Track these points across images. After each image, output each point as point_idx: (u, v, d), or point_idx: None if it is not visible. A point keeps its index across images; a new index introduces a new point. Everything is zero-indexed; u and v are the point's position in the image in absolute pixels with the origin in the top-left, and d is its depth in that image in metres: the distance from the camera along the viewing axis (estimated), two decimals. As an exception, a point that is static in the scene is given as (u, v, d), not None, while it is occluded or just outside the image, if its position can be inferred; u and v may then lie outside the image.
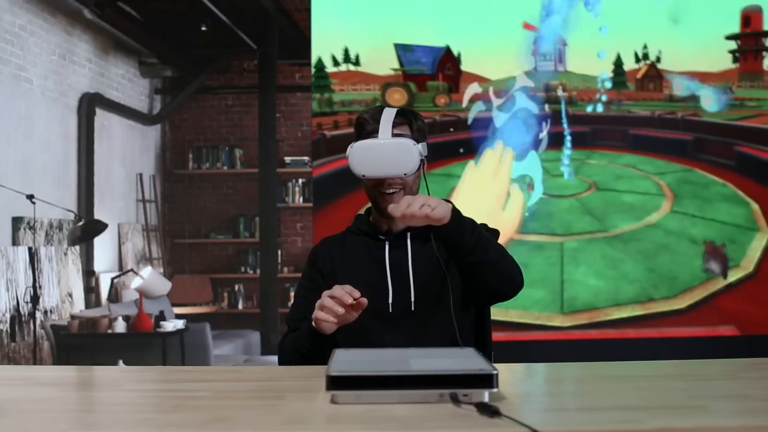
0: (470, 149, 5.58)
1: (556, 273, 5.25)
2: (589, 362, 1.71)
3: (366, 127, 1.91)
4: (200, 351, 5.40)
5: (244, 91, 8.02)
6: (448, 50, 5.77)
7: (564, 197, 5.46)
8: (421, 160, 1.88)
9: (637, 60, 5.70)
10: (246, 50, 7.44)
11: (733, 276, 5.17)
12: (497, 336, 2.07)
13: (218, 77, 8.01)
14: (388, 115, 1.88)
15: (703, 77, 5.55)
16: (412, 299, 1.90)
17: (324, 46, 5.76)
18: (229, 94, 8.09)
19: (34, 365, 4.73)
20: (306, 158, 7.69)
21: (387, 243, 1.95)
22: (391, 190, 1.90)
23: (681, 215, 5.32)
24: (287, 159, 7.79)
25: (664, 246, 5.27)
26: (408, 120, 1.92)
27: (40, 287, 5.36)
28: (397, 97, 5.77)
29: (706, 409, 1.23)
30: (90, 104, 6.46)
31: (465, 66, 5.79)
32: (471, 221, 1.80)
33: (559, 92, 5.70)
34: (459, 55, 5.78)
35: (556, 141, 5.62)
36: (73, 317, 5.26)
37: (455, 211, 1.76)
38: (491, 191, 5.48)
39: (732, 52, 5.49)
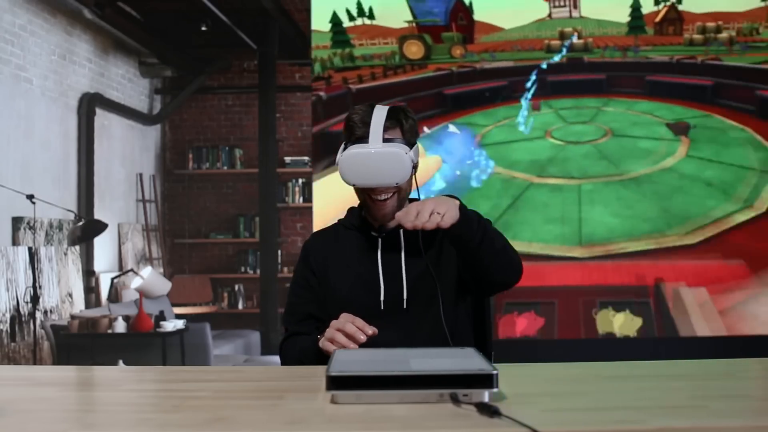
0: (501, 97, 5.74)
1: (574, 211, 5.48)
2: (589, 362, 1.71)
3: (356, 131, 1.86)
4: (200, 351, 5.40)
5: (244, 91, 8.02)
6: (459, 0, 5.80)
7: (581, 143, 5.60)
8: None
9: (656, 2, 5.53)
10: (246, 50, 7.44)
11: (745, 216, 5.31)
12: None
13: (218, 77, 8.01)
14: (378, 119, 1.83)
15: (728, 18, 5.43)
16: (405, 297, 1.89)
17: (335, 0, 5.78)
18: (229, 94, 8.09)
19: (34, 365, 4.73)
20: (306, 158, 7.68)
21: (379, 239, 1.94)
22: (383, 197, 1.88)
23: (696, 159, 5.41)
24: (287, 159, 7.79)
25: (679, 188, 5.43)
26: (398, 121, 1.88)
27: (40, 287, 5.36)
28: (414, 49, 5.82)
29: (706, 409, 1.23)
30: (90, 104, 6.46)
31: (478, 15, 5.82)
32: (475, 213, 1.78)
33: (574, 39, 5.69)
34: (470, 4, 5.80)
35: (569, 89, 5.69)
36: (73, 317, 5.26)
37: (461, 207, 1.74)
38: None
39: None
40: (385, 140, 1.82)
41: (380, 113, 1.85)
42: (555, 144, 5.64)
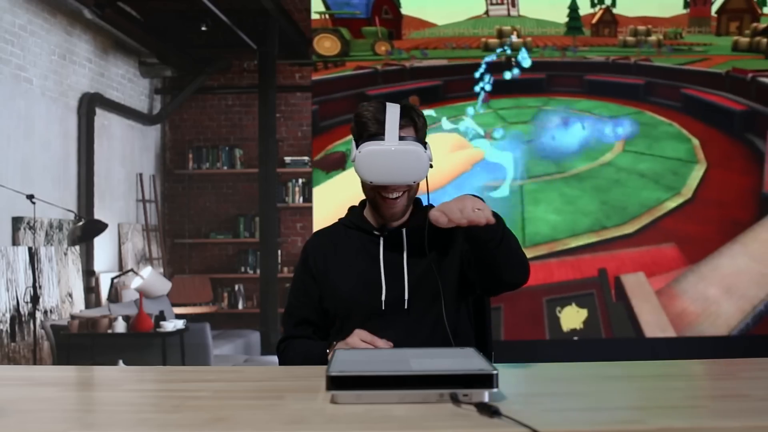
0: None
1: (517, 213, 5.61)
2: (589, 362, 1.71)
3: (369, 128, 1.84)
4: (200, 351, 5.40)
5: (244, 91, 8.02)
6: None
7: (523, 143, 5.71)
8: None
9: (593, 5, 5.75)
10: (246, 50, 7.44)
11: (675, 202, 5.67)
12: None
13: (218, 77, 8.01)
14: (392, 116, 1.82)
15: (656, 22, 5.79)
16: (406, 297, 1.88)
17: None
18: (229, 94, 8.08)
19: (34, 365, 4.73)
20: (306, 158, 7.69)
21: (381, 239, 1.93)
22: (395, 195, 1.87)
23: (632, 153, 5.74)
24: (287, 159, 7.79)
25: (617, 181, 5.70)
26: (412, 120, 1.87)
27: (40, 287, 5.36)
28: (328, 45, 5.40)
29: (706, 409, 1.23)
30: (90, 104, 6.45)
31: (405, 9, 5.63)
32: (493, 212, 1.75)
33: (513, 38, 5.67)
34: None
35: (508, 89, 5.68)
36: (73, 317, 5.26)
37: None
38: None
39: None
40: (400, 138, 1.82)
41: (394, 111, 1.84)
42: (495, 145, 5.67)
